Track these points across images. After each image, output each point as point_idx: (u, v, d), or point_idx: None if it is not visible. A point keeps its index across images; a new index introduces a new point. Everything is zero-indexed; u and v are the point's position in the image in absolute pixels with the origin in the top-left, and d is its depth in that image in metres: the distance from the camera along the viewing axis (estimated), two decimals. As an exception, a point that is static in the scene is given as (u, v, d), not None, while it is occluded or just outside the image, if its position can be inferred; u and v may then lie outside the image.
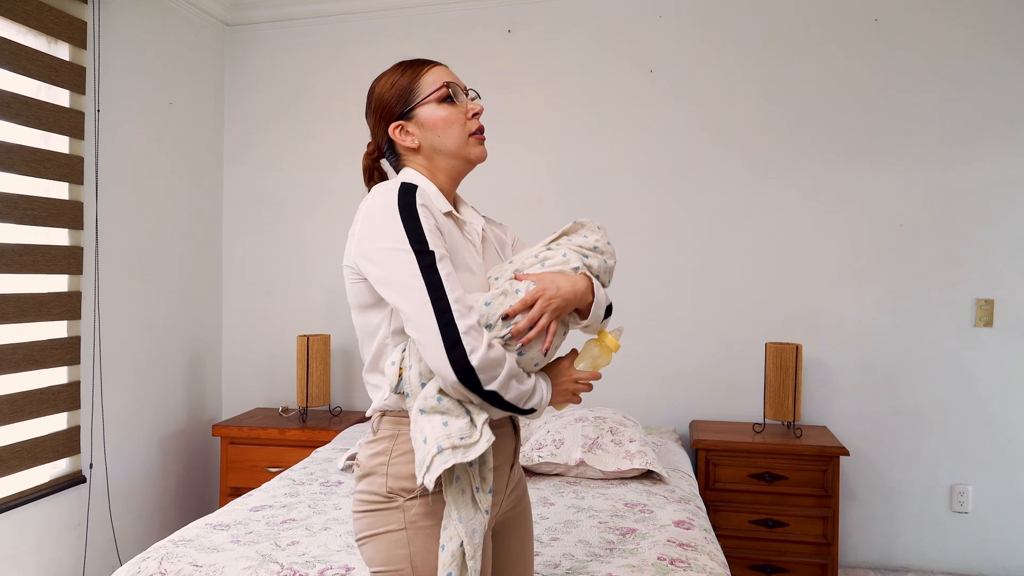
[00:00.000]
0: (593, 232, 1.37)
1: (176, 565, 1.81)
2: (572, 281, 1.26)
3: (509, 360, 1.19)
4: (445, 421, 1.16)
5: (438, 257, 1.17)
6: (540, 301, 1.22)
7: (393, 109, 1.33)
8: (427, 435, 1.15)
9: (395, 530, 1.22)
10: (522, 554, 1.43)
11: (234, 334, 3.83)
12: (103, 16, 2.99)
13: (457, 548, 1.15)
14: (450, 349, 1.13)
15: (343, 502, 2.32)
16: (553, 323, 1.23)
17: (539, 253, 1.32)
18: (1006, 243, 3.09)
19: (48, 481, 2.80)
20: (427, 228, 1.18)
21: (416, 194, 1.21)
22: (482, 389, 1.15)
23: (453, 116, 1.32)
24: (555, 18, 3.46)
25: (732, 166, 3.32)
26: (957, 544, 3.14)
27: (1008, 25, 3.07)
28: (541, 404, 1.25)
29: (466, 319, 1.15)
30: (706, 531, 2.10)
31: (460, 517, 1.17)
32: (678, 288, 3.36)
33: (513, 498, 1.40)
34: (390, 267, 1.17)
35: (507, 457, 1.35)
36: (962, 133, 3.12)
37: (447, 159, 1.33)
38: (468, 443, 1.14)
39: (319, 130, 3.71)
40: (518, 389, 1.19)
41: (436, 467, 1.12)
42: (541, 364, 1.27)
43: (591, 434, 2.68)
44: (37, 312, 2.71)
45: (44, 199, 2.74)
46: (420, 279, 1.15)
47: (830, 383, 3.24)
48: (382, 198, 1.21)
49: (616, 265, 1.40)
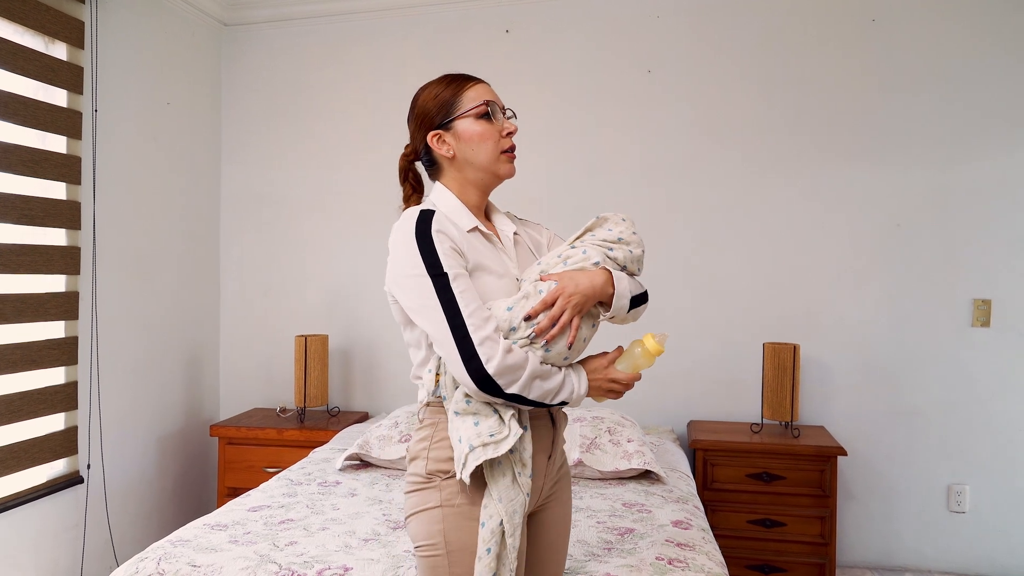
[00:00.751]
0: (617, 224, 1.43)
1: (174, 565, 1.81)
2: (591, 276, 1.33)
3: (532, 362, 1.26)
4: (476, 421, 1.27)
5: (452, 277, 1.26)
6: (560, 299, 1.29)
7: (434, 119, 1.40)
8: (461, 435, 1.27)
9: (433, 507, 1.32)
10: (557, 545, 1.49)
11: (232, 334, 3.83)
12: (101, 16, 2.98)
13: (497, 526, 1.25)
14: (467, 361, 1.23)
15: (341, 502, 2.32)
16: (576, 318, 1.30)
17: (562, 252, 1.38)
18: (1004, 243, 3.09)
19: (46, 481, 2.79)
20: (442, 252, 1.27)
21: (432, 221, 1.30)
22: (503, 392, 1.24)
23: (488, 132, 1.40)
24: (553, 18, 3.46)
25: (730, 166, 3.32)
26: (955, 544, 3.15)
27: (1005, 25, 3.08)
28: (573, 397, 1.32)
29: (481, 331, 1.24)
30: (704, 531, 2.10)
31: (501, 498, 1.26)
32: (676, 288, 3.36)
33: (555, 490, 1.47)
34: (412, 293, 1.28)
35: (544, 448, 1.40)
36: (960, 133, 3.13)
37: (477, 172, 1.42)
38: (498, 439, 1.25)
39: (317, 130, 3.71)
40: (542, 388, 1.27)
41: (470, 464, 1.24)
42: (571, 359, 1.34)
43: (589, 434, 2.68)
44: (34, 312, 2.71)
45: (41, 199, 2.74)
46: (436, 300, 1.25)
47: (828, 383, 3.25)
48: (403, 229, 1.31)
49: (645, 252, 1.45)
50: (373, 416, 3.62)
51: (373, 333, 3.65)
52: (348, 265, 3.67)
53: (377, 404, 3.68)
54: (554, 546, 1.48)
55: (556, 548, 1.49)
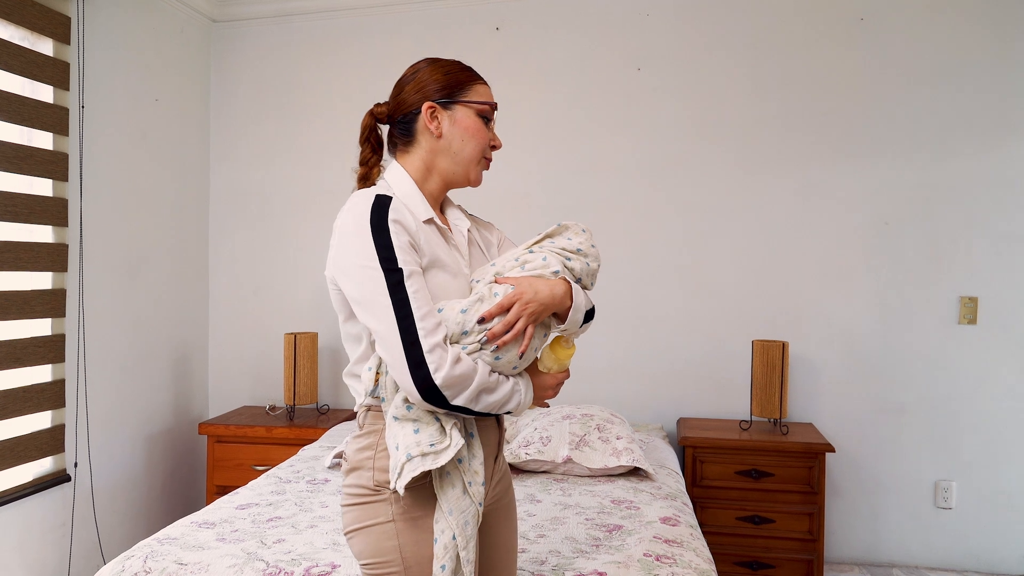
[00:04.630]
0: (577, 235, 1.38)
1: (161, 563, 1.80)
2: (551, 285, 1.27)
3: (480, 373, 1.19)
4: (416, 428, 1.19)
5: (407, 274, 1.18)
6: (517, 305, 1.22)
7: (437, 92, 1.35)
8: (399, 442, 1.19)
9: (383, 522, 1.24)
10: (507, 547, 1.44)
11: (221, 332, 3.81)
12: (87, 11, 2.96)
13: (450, 540, 1.18)
14: (414, 369, 1.15)
15: (330, 500, 2.32)
16: (530, 327, 1.24)
17: (520, 256, 1.32)
18: (990, 241, 3.11)
19: (32, 480, 2.77)
20: (398, 245, 1.20)
21: (390, 208, 1.23)
22: (448, 404, 1.17)
23: (483, 133, 1.36)
24: (543, 16, 3.46)
25: (719, 164, 3.33)
26: (941, 540, 3.17)
27: (993, 23, 3.10)
28: (519, 408, 1.26)
29: (431, 337, 1.16)
30: (692, 528, 2.11)
31: (451, 510, 1.19)
32: (665, 285, 3.37)
33: (498, 490, 1.41)
34: (359, 284, 1.20)
35: (491, 449, 1.36)
36: (947, 131, 3.15)
37: (453, 164, 1.36)
38: (438, 449, 1.17)
39: (306, 127, 3.69)
40: (487, 401, 1.21)
41: (406, 474, 1.16)
42: (519, 368, 1.27)
43: (578, 431, 2.68)
44: (20, 310, 2.69)
45: (28, 196, 2.72)
46: (387, 297, 1.17)
47: (816, 380, 3.26)
48: (356, 213, 1.23)
49: (600, 268, 1.41)
50: (363, 414, 3.60)
51: (363, 331, 3.63)
52: (338, 263, 3.65)
53: (367, 402, 3.66)
54: (506, 549, 1.43)
55: (508, 548, 1.44)
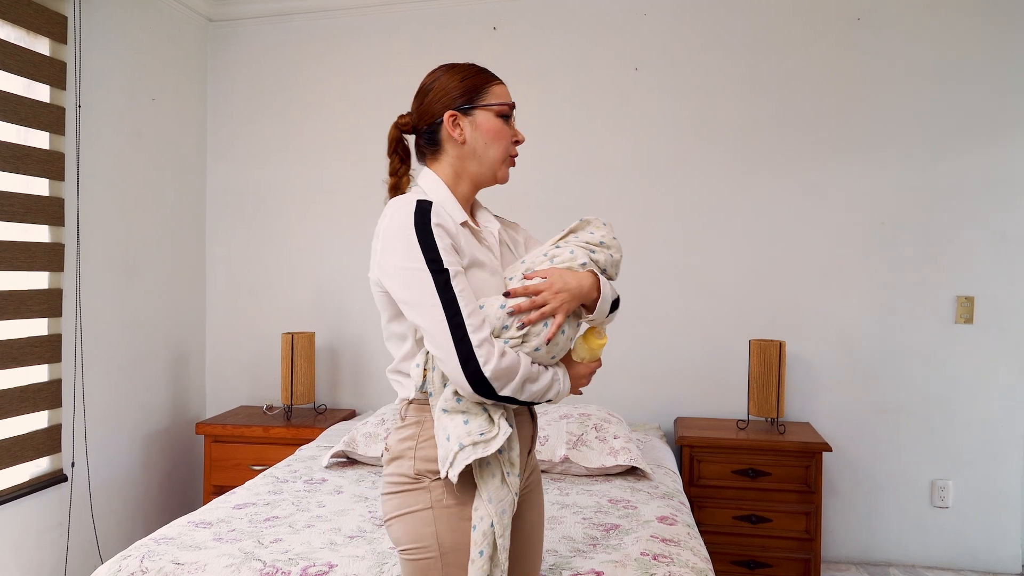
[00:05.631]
0: (599, 228, 1.44)
1: (157, 563, 1.80)
2: (579, 277, 1.34)
3: (524, 364, 1.26)
4: (466, 419, 1.26)
5: (453, 275, 1.24)
6: (546, 292, 1.29)
7: (456, 99, 1.38)
8: (450, 433, 1.25)
9: (422, 509, 1.30)
10: (534, 537, 1.50)
11: (218, 331, 3.81)
12: (84, 10, 2.96)
13: (488, 528, 1.25)
14: (464, 363, 1.22)
15: (327, 499, 2.32)
16: (560, 315, 1.30)
17: (548, 251, 1.39)
18: (987, 240, 3.12)
19: (29, 480, 2.77)
20: (442, 247, 1.25)
21: (431, 212, 1.28)
22: (496, 395, 1.24)
23: (504, 133, 1.40)
24: (540, 16, 3.46)
25: (717, 163, 3.33)
26: (938, 539, 3.17)
27: (989, 24, 3.10)
28: (559, 396, 1.34)
29: (479, 333, 1.23)
30: (689, 527, 2.11)
31: (490, 498, 1.26)
32: (663, 285, 3.37)
33: (530, 483, 1.48)
34: (407, 286, 1.25)
35: (525, 443, 1.42)
36: (944, 131, 3.15)
37: (480, 167, 1.40)
38: (487, 438, 1.25)
39: (304, 126, 3.69)
40: (531, 390, 1.28)
41: (459, 463, 1.23)
42: (557, 357, 1.35)
43: (576, 431, 2.68)
44: (17, 310, 2.68)
45: (24, 195, 2.71)
46: (436, 297, 1.23)
47: (813, 380, 3.27)
48: (399, 218, 1.28)
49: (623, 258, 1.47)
50: (360, 414, 3.61)
51: (360, 330, 3.64)
52: (335, 262, 3.66)
53: (363, 402, 3.67)
54: (533, 538, 1.49)
55: (535, 540, 1.50)
